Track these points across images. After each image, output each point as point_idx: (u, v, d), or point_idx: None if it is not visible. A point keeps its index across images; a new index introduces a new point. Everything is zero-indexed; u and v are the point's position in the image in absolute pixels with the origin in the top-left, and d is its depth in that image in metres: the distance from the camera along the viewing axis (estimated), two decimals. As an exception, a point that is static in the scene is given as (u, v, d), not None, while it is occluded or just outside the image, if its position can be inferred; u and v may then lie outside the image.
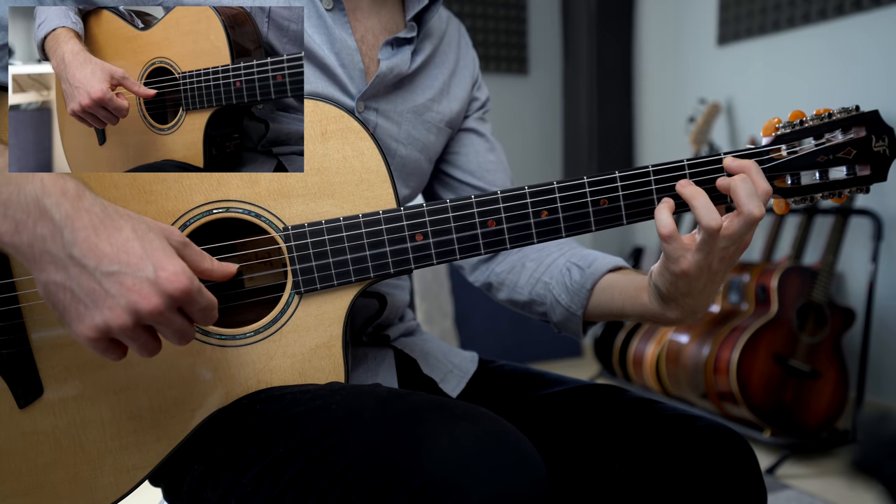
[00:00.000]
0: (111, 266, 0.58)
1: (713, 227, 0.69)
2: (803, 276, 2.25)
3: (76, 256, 0.58)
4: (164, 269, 0.59)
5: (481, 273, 0.99)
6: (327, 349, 0.75)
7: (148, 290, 0.58)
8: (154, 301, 0.58)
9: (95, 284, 0.58)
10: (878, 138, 0.73)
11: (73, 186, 0.60)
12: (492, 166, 0.99)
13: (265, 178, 0.73)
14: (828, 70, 2.53)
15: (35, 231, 0.59)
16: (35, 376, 0.70)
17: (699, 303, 0.76)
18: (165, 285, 0.58)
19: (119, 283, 0.58)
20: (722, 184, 0.72)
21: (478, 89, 1.00)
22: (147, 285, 0.58)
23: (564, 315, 0.89)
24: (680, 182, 0.73)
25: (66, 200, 0.59)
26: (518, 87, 3.58)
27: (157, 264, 0.59)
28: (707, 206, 0.70)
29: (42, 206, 0.58)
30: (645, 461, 0.76)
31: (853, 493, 1.93)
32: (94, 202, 0.60)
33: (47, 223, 0.58)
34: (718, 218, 0.69)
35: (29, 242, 0.59)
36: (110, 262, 0.58)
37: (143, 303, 0.58)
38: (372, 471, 0.58)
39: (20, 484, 0.70)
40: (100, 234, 0.59)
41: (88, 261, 0.58)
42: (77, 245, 0.58)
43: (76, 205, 0.59)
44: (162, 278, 0.58)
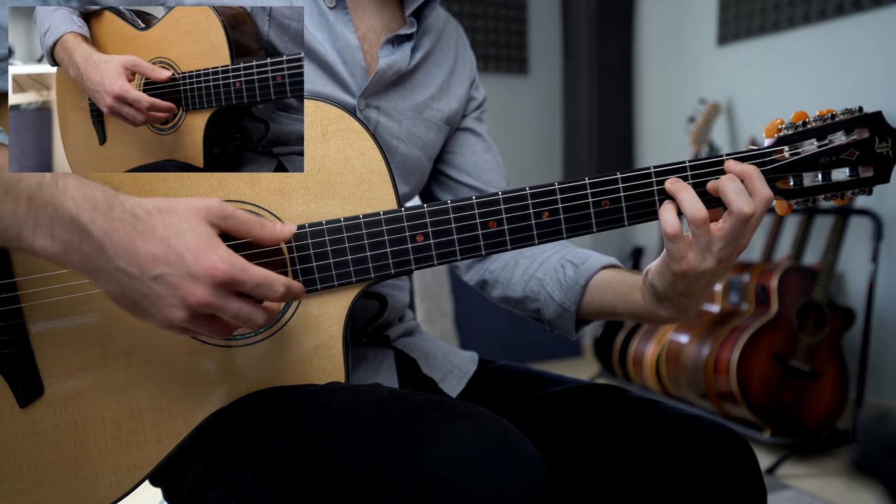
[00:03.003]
0: (154, 270, 0.59)
1: (699, 219, 0.69)
2: (803, 276, 2.25)
3: (122, 268, 0.60)
4: (202, 261, 0.60)
5: (476, 272, 0.99)
6: (327, 349, 0.75)
7: (193, 285, 0.59)
8: (200, 293, 0.59)
9: (147, 289, 0.60)
10: (881, 140, 0.73)
11: (101, 196, 0.61)
12: (488, 166, 0.99)
13: (266, 178, 0.73)
14: (828, 70, 2.53)
15: (82, 250, 0.60)
16: (36, 376, 0.70)
17: (694, 303, 0.76)
18: (206, 276, 0.59)
19: (166, 284, 0.60)
20: (711, 186, 0.73)
21: (475, 89, 1.00)
22: (190, 280, 0.59)
23: (558, 311, 0.89)
24: (669, 179, 0.73)
25: (100, 215, 0.60)
26: (518, 87, 3.58)
27: (195, 257, 0.60)
28: (692, 199, 0.71)
29: (80, 224, 0.60)
30: (645, 461, 0.76)
31: (853, 493, 1.93)
32: (124, 210, 0.61)
33: (90, 241, 0.60)
34: (703, 209, 0.70)
35: (81, 261, 0.61)
36: (152, 267, 0.59)
37: (191, 298, 0.59)
38: (372, 470, 0.58)
39: (21, 483, 0.70)
40: (136, 242, 0.60)
41: (134, 269, 0.60)
42: (119, 257, 0.59)
43: (109, 216, 0.60)
44: (201, 270, 0.59)
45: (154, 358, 0.71)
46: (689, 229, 0.71)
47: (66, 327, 0.70)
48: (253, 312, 0.63)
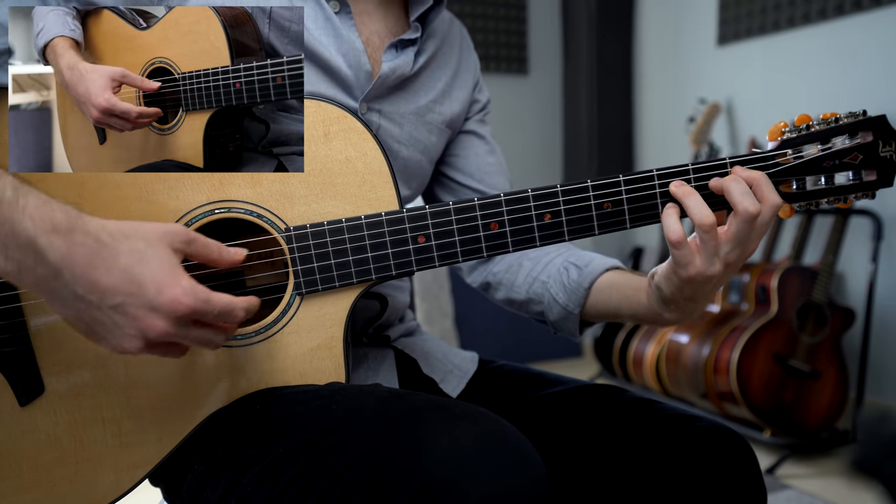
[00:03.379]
0: (114, 299, 0.58)
1: (706, 224, 0.69)
2: (803, 276, 2.25)
3: (80, 294, 0.58)
4: (164, 293, 0.58)
5: (479, 274, 0.99)
6: (328, 350, 0.75)
7: (152, 317, 0.58)
8: (160, 326, 0.58)
9: (104, 317, 0.59)
10: (885, 143, 0.73)
11: (63, 219, 0.58)
12: (491, 169, 0.99)
13: (267, 178, 0.73)
14: (828, 70, 2.53)
15: (37, 272, 0.58)
16: (36, 374, 0.70)
17: (699, 307, 0.76)
18: (167, 309, 0.58)
19: (124, 314, 0.58)
20: (715, 185, 0.72)
21: (479, 91, 1.00)
22: (150, 312, 0.58)
23: (561, 314, 0.89)
24: (673, 183, 0.73)
25: (59, 238, 0.57)
26: (518, 87, 3.58)
27: (157, 288, 0.58)
28: (699, 205, 0.70)
29: (37, 247, 0.57)
30: (645, 461, 0.76)
31: (853, 493, 1.93)
32: (87, 234, 0.58)
33: (46, 265, 0.57)
34: (710, 214, 0.69)
35: (34, 283, 0.59)
36: (112, 296, 0.58)
37: (150, 329, 0.58)
38: (372, 471, 0.58)
39: (21, 482, 0.70)
40: (97, 268, 0.58)
41: (92, 297, 0.58)
42: (77, 283, 0.57)
43: (69, 240, 0.57)
44: (163, 303, 0.58)
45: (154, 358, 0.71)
46: (696, 234, 0.71)
47: (66, 326, 0.70)
48: (213, 336, 0.63)
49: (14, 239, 0.57)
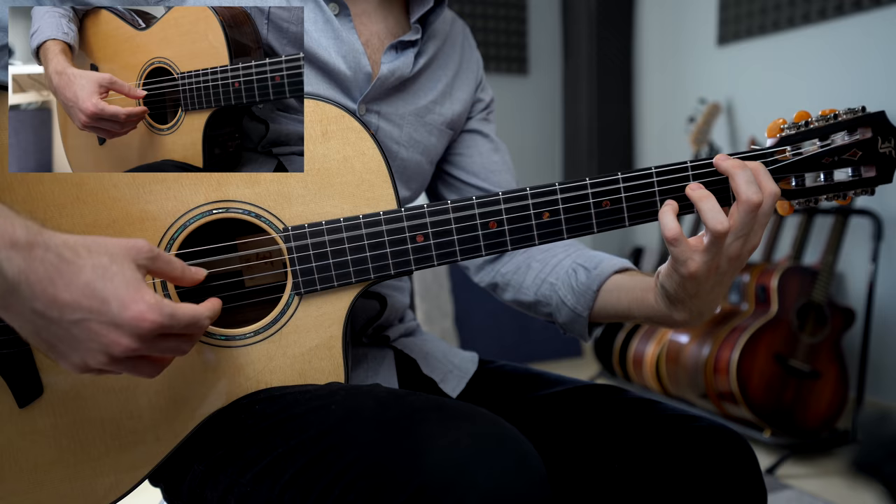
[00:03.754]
0: (74, 314, 0.56)
1: (720, 231, 0.68)
2: (803, 276, 2.25)
3: (39, 310, 0.56)
4: (128, 310, 0.56)
5: (486, 273, 0.99)
6: (327, 350, 0.74)
7: (116, 333, 0.57)
8: (124, 342, 0.57)
9: (64, 332, 0.57)
10: (884, 139, 0.73)
11: (23, 235, 0.56)
12: (496, 167, 0.98)
13: (265, 178, 0.73)
14: (828, 70, 2.53)
15: None
16: (35, 376, 0.70)
17: (707, 304, 0.75)
18: (131, 326, 0.57)
19: (87, 329, 0.56)
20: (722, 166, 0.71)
21: (482, 91, 1.00)
22: (114, 329, 0.57)
23: (570, 316, 0.89)
24: (690, 185, 0.72)
25: (17, 254, 0.55)
26: (518, 87, 3.58)
27: (121, 305, 0.56)
28: (714, 210, 0.69)
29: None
30: (645, 461, 0.76)
31: (853, 493, 1.93)
32: (48, 249, 0.56)
33: (3, 280, 0.55)
34: (725, 221, 0.68)
35: None
36: (73, 311, 0.56)
37: (113, 346, 0.57)
38: (371, 471, 0.58)
39: (20, 483, 0.70)
40: (56, 284, 0.56)
41: (52, 313, 0.56)
42: (36, 299, 0.55)
43: (28, 256, 0.55)
44: (127, 319, 0.56)
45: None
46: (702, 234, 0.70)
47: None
48: (181, 344, 0.62)
49: None
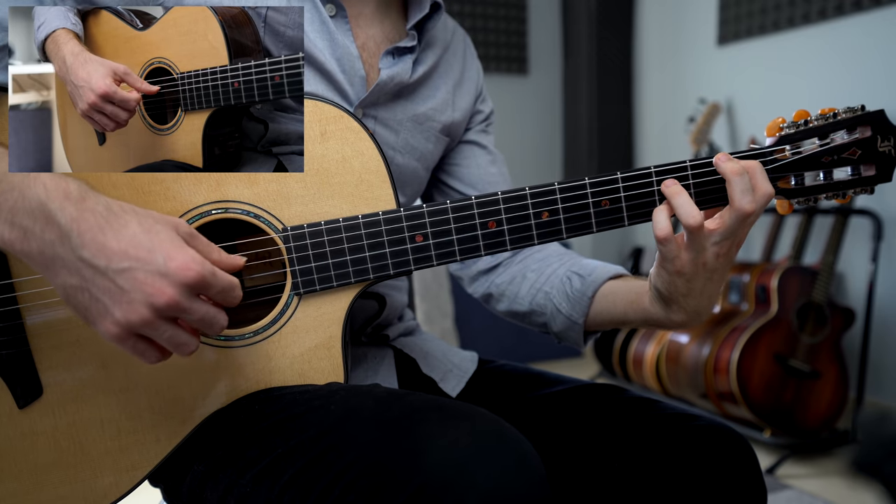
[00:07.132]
0: (122, 263, 0.58)
1: (692, 225, 0.69)
2: (803, 276, 2.25)
3: (86, 258, 0.58)
4: (174, 260, 0.58)
5: (481, 284, 0.99)
6: (326, 350, 0.74)
7: (161, 282, 0.58)
8: (168, 292, 0.58)
9: (109, 283, 0.58)
10: (883, 138, 0.73)
11: (75, 188, 0.60)
12: (493, 178, 0.98)
13: (264, 178, 0.73)
14: (828, 70, 2.52)
15: (44, 237, 0.59)
16: (34, 377, 0.70)
17: (701, 303, 0.75)
18: (177, 275, 0.58)
19: (132, 279, 0.58)
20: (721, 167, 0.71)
21: (482, 102, 1.00)
22: (159, 278, 0.58)
23: (565, 324, 0.88)
24: (665, 182, 0.73)
25: (70, 203, 0.59)
26: (518, 87, 3.58)
27: (167, 255, 0.58)
28: (687, 205, 0.70)
29: (47, 211, 0.58)
30: (645, 461, 0.76)
31: (853, 493, 1.93)
32: (98, 202, 0.60)
33: (54, 228, 0.58)
34: (697, 215, 0.69)
35: (39, 249, 0.59)
36: (120, 259, 0.58)
37: (158, 296, 0.58)
38: (370, 471, 0.58)
39: (20, 484, 0.70)
40: (106, 233, 0.58)
41: (99, 261, 0.58)
42: (85, 247, 0.58)
43: (80, 206, 0.59)
44: (172, 269, 0.58)
45: (153, 358, 0.71)
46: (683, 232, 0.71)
47: (64, 328, 0.70)
48: (218, 315, 0.62)
49: (24, 204, 0.59)
